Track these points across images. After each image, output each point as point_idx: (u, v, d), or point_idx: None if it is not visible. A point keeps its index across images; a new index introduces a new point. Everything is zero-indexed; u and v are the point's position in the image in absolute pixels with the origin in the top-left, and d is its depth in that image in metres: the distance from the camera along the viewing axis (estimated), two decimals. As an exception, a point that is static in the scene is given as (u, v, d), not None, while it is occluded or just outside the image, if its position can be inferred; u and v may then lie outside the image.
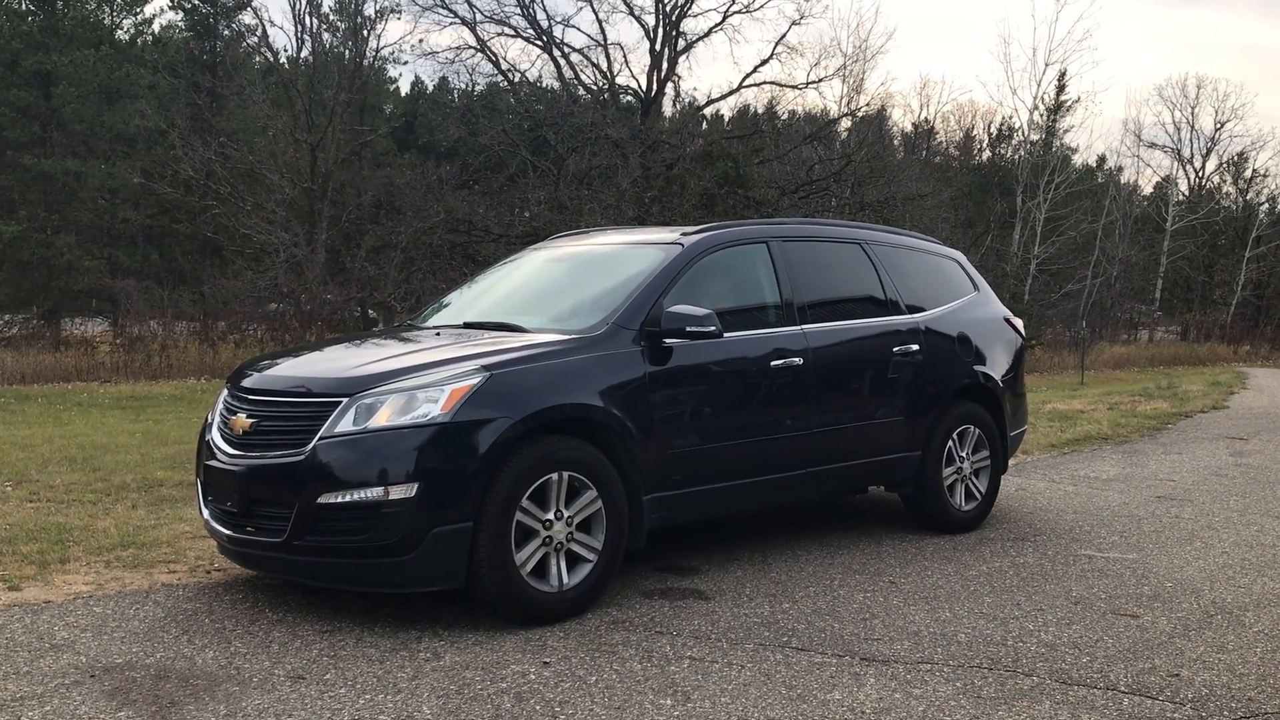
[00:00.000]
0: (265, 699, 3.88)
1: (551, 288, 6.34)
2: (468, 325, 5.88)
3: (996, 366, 7.22)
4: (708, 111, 31.38)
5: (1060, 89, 40.94)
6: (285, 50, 39.23)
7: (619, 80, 27.39)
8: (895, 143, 43.07)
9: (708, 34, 26.98)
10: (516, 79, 27.24)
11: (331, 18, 30.25)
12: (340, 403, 4.71)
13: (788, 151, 28.30)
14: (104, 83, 31.23)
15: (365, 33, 26.58)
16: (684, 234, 6.04)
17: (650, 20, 26.64)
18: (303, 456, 4.65)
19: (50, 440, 9.97)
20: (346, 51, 27.17)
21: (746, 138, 28.26)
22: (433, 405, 4.65)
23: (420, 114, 41.73)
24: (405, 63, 41.99)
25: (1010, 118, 49.08)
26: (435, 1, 25.83)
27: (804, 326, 6.10)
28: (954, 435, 6.84)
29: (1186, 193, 49.46)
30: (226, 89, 29.96)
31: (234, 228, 23.82)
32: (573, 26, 29.66)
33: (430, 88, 45.40)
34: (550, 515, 4.83)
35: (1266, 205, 49.72)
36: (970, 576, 5.77)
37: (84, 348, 19.69)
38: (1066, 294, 37.04)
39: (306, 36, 27.11)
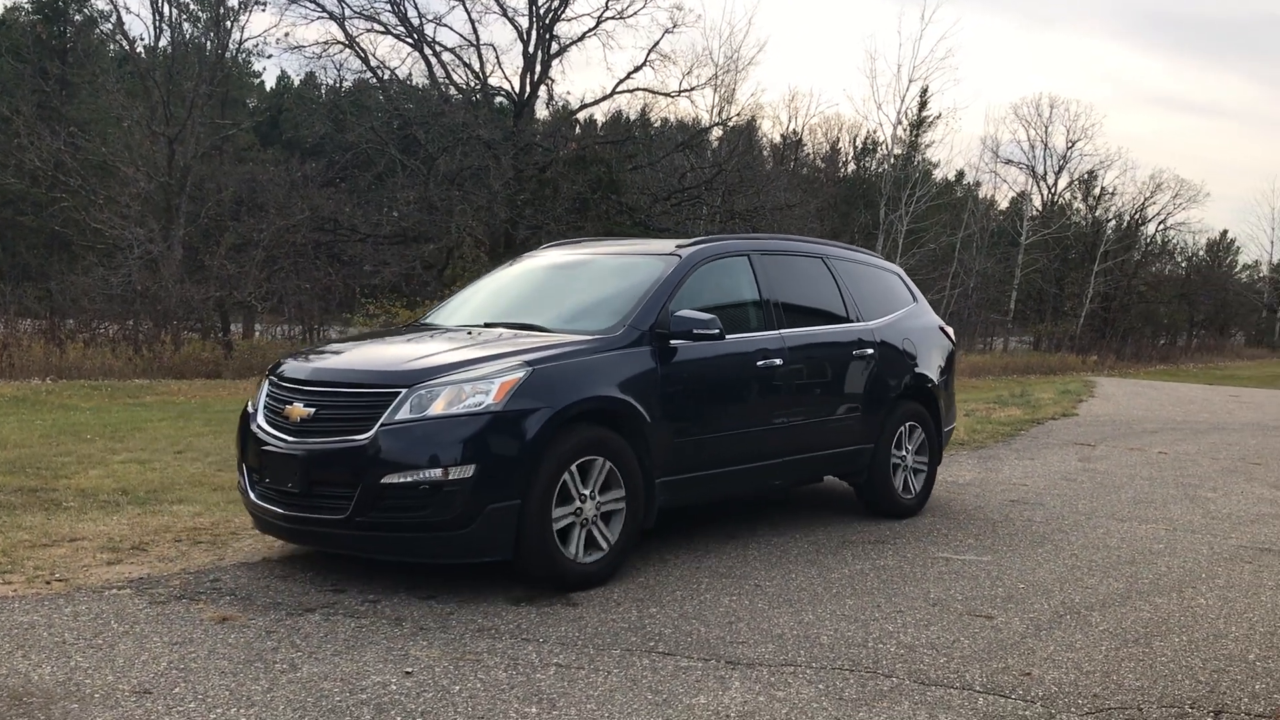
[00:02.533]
0: (107, 716, 3.68)
1: (561, 293, 6.90)
2: (489, 325, 6.38)
3: (934, 369, 8.07)
4: (581, 116, 31.30)
5: (922, 105, 42.21)
6: (142, 39, 37.81)
7: (492, 81, 27.02)
8: (765, 153, 43.74)
9: (581, 38, 26.78)
10: (386, 76, 26.69)
11: (192, 7, 29.18)
12: (399, 393, 5.20)
13: (660, 159, 28.40)
14: (-59, 66, 29.55)
15: (228, 24, 25.71)
16: (679, 246, 6.73)
17: (524, 22, 26.36)
18: (366, 441, 5.12)
19: (-125, 443, 9.33)
20: (208, 42, 26.25)
21: (619, 143, 28.28)
22: (485, 396, 5.20)
23: (286, 109, 40.64)
24: (270, 56, 40.79)
25: (875, 132, 50.26)
26: (302, -6, 25.08)
27: (781, 331, 6.81)
28: (900, 430, 7.61)
29: (1040, 208, 51.49)
30: (78, 77, 28.65)
31: (85, 222, 22.74)
32: (445, 25, 29.07)
33: (296, 83, 44.28)
34: (586, 492, 5.46)
35: (1113, 222, 52.09)
36: (833, 579, 5.86)
37: (-84, 346, 18.51)
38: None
39: (165, 25, 26.11)
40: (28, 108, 25.33)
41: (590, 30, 26.24)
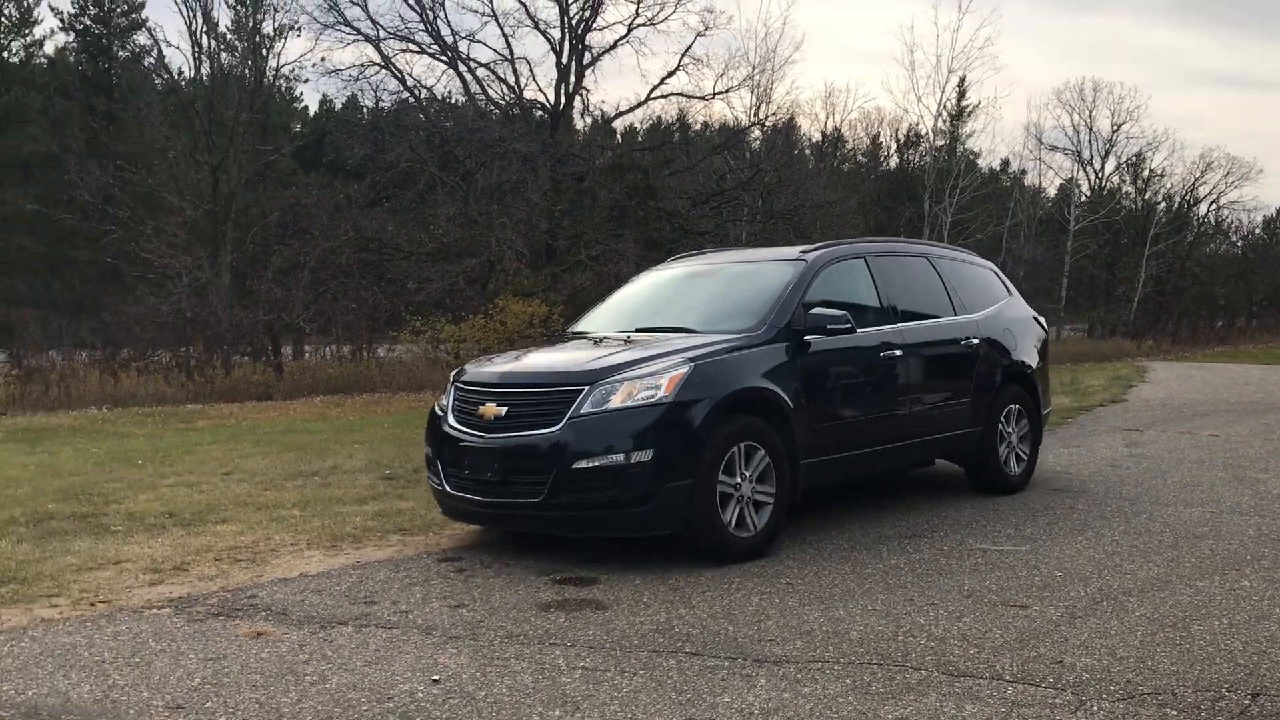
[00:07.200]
0: (140, 732, 3.76)
1: (701, 299, 7.52)
2: (640, 330, 7.03)
3: (1031, 356, 8.63)
4: (617, 124, 31.44)
5: (961, 95, 41.88)
6: (183, 71, 38.43)
7: (527, 94, 27.25)
8: (806, 151, 43.54)
9: (613, 47, 26.90)
10: (423, 95, 27.00)
11: (229, 37, 29.71)
12: (583, 390, 5.91)
13: (698, 162, 28.45)
14: (-6, 107, 30.34)
15: (264, 51, 26.17)
16: (803, 251, 7.35)
17: (556, 34, 26.55)
18: (557, 432, 5.85)
19: (-65, 476, 9.58)
20: (246, 71, 26.70)
21: (656, 149, 28.37)
22: (657, 390, 5.88)
23: (329, 133, 41.19)
24: (307, 80, 41.26)
25: (916, 124, 49.85)
26: (336, 20, 25.48)
27: (899, 325, 7.46)
28: (1005, 413, 8.16)
29: (1088, 193, 50.75)
30: (123, 111, 29.23)
31: (135, 252, 23.25)
32: (478, 41, 29.17)
33: (338, 106, 44.81)
34: (748, 474, 6.10)
35: (1164, 204, 51.22)
36: (866, 574, 5.82)
37: (-23, 381, 18.97)
38: (975, 295, 37.67)
39: (204, 57, 26.63)
40: (77, 144, 25.94)
41: (622, 38, 26.38)
